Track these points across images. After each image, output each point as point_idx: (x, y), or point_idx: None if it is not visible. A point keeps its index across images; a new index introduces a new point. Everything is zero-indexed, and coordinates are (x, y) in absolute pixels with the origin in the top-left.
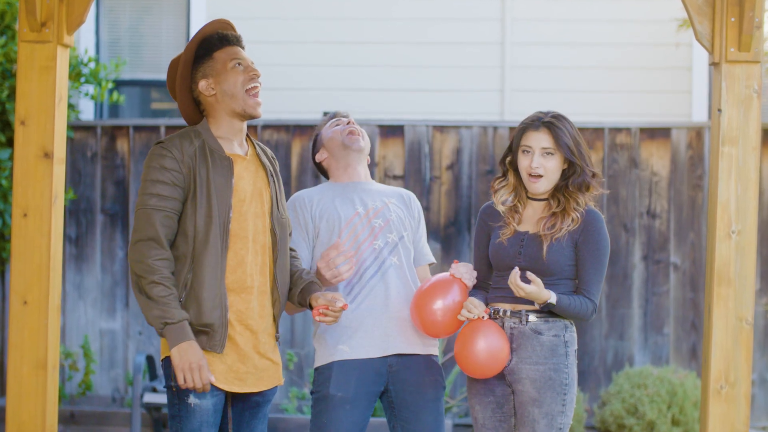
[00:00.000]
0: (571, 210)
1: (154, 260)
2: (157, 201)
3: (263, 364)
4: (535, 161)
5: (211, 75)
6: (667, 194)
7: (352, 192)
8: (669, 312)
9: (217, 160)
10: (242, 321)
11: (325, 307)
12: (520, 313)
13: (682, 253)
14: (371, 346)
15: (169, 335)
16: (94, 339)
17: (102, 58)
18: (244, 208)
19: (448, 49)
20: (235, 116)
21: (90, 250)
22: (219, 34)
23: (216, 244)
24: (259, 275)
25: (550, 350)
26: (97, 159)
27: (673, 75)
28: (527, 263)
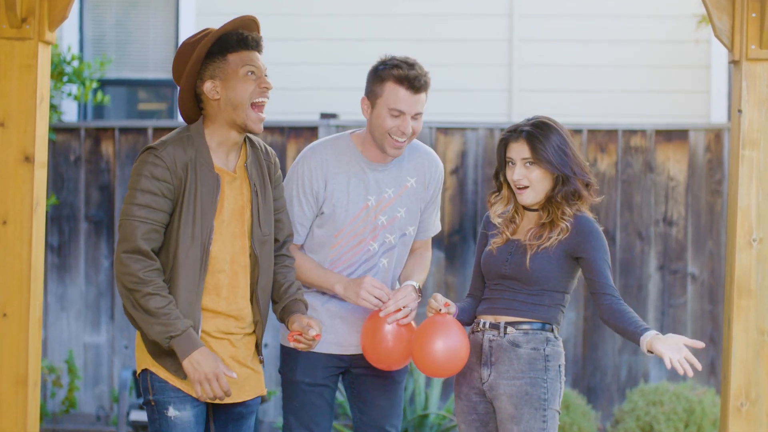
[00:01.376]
0: (559, 220)
1: (144, 272)
2: (145, 213)
3: (244, 372)
4: (517, 173)
5: (219, 77)
6: (684, 200)
7: (372, 171)
8: (686, 325)
9: (206, 175)
10: (220, 329)
11: (299, 333)
12: (499, 326)
13: (700, 263)
14: (334, 344)
15: (177, 348)
16: (78, 354)
17: (86, 56)
18: (223, 228)
19: (452, 46)
20: (234, 127)
21: (73, 259)
22: (238, 35)
23: (195, 267)
24: (239, 299)
25: (527, 364)
26: (80, 163)
27: (691, 74)
28: (512, 271)
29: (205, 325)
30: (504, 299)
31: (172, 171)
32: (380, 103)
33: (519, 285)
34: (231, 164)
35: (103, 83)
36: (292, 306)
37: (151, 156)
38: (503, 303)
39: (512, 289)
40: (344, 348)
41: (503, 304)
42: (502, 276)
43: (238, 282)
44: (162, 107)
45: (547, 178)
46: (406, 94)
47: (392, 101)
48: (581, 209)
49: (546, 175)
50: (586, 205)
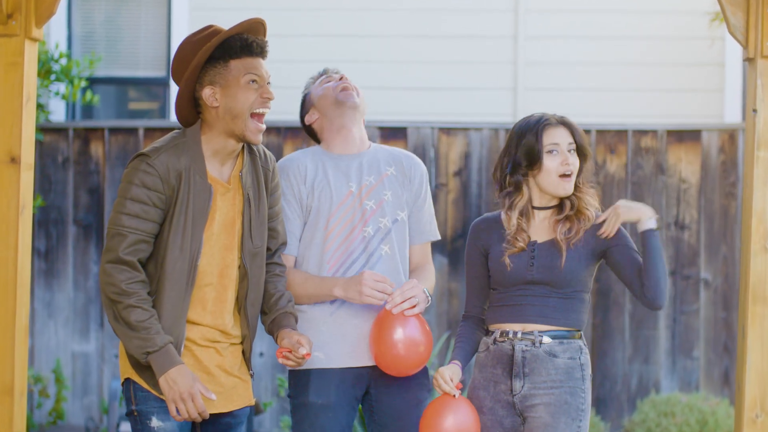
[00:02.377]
0: (584, 208)
1: (127, 284)
2: (134, 222)
3: (231, 381)
4: (569, 159)
5: (219, 84)
6: (696, 203)
7: (346, 163)
8: (699, 333)
9: (199, 185)
10: (206, 337)
11: (288, 350)
12: (533, 335)
13: (713, 269)
14: (349, 355)
15: (153, 364)
16: (66, 363)
17: (74, 54)
18: (213, 241)
19: (455, 43)
20: (232, 137)
21: (61, 264)
22: (242, 39)
23: (181, 280)
24: (225, 314)
25: (565, 373)
26: (68, 164)
27: (704, 72)
28: (541, 275)
29: (190, 333)
30: (533, 306)
31: (165, 180)
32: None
33: (548, 289)
34: (226, 173)
35: (92, 82)
36: (282, 320)
37: (143, 164)
38: (533, 310)
39: (541, 295)
40: (360, 359)
41: (533, 311)
42: (527, 282)
43: (226, 296)
44: (153, 106)
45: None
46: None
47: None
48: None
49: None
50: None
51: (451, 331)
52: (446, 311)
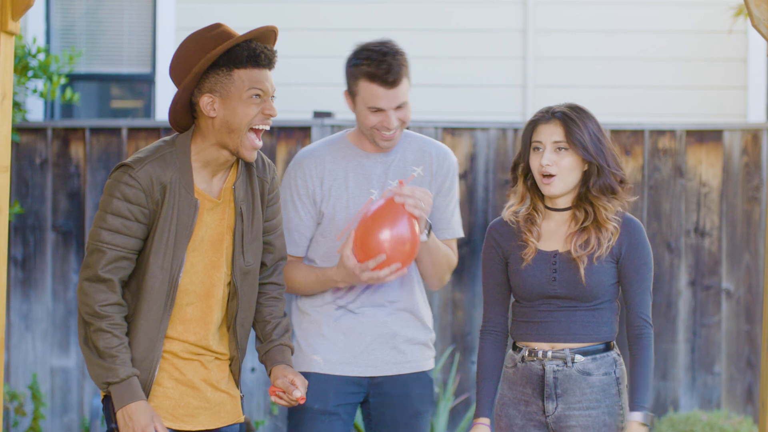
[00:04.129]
0: (605, 220)
1: (102, 305)
2: (115, 238)
3: (219, 397)
4: (546, 157)
5: (219, 93)
6: (718, 208)
7: (372, 163)
8: (720, 347)
9: (184, 199)
10: (189, 350)
11: (282, 391)
12: (564, 354)
13: (735, 278)
14: (348, 363)
15: (114, 396)
16: (44, 378)
17: (53, 49)
18: (196, 258)
19: (460, 37)
20: (226, 149)
21: (39, 273)
22: (250, 49)
23: (160, 300)
24: (209, 335)
25: (601, 391)
26: (47, 166)
27: (726, 68)
28: (564, 290)
29: (170, 346)
30: (560, 322)
31: (148, 193)
32: (359, 102)
33: (574, 303)
34: (216, 187)
35: (73, 78)
36: (277, 354)
37: (125, 176)
38: (560, 327)
39: (566, 309)
40: (361, 369)
41: (560, 328)
42: (551, 296)
43: (212, 317)
44: (138, 105)
45: (577, 168)
46: (381, 91)
47: (369, 100)
48: (621, 210)
49: (577, 165)
50: (620, 204)
51: (455, 344)
52: (450, 323)
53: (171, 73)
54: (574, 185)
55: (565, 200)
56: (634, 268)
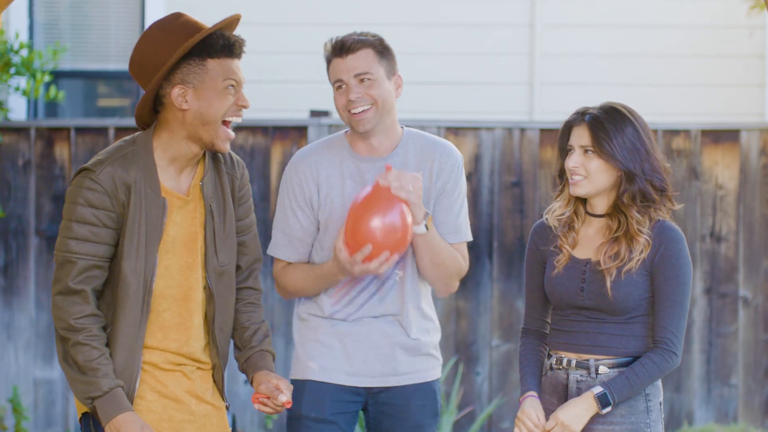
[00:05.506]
0: (636, 232)
1: (76, 318)
2: (83, 247)
3: (203, 409)
4: (572, 160)
5: (192, 85)
6: (735, 212)
7: (370, 169)
8: (737, 357)
9: (151, 199)
10: (170, 361)
11: (265, 397)
12: (588, 364)
13: (753, 285)
14: (345, 372)
15: (99, 411)
16: (27, 391)
17: (37, 44)
18: (170, 260)
19: (462, 32)
20: (197, 143)
21: (22, 280)
22: (224, 38)
23: (136, 307)
24: (192, 341)
25: (627, 407)
26: (30, 168)
27: (743, 64)
28: (591, 302)
29: (151, 357)
30: (587, 333)
31: (112, 196)
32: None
33: (603, 315)
34: (184, 184)
35: (57, 75)
36: (258, 360)
37: (87, 180)
38: (587, 338)
39: (595, 320)
40: (360, 379)
41: (587, 339)
42: (578, 307)
43: (192, 321)
44: (125, 103)
45: (608, 171)
46: (337, 62)
47: (331, 76)
48: (659, 218)
49: (607, 168)
50: (660, 213)
51: (459, 355)
52: (453, 333)
53: (135, 68)
54: (605, 188)
55: (602, 205)
56: (664, 279)
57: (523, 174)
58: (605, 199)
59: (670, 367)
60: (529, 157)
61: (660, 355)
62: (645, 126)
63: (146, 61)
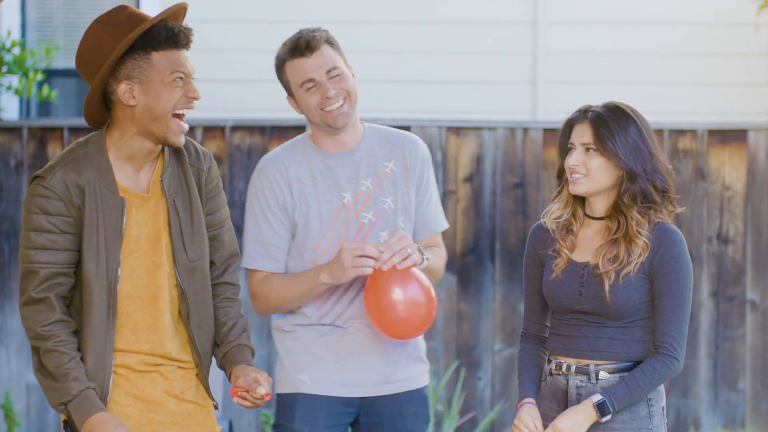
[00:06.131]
0: (635, 234)
1: (42, 326)
2: (44, 256)
3: (184, 408)
4: (573, 158)
5: (137, 80)
6: (742, 213)
7: (338, 163)
8: (744, 362)
9: (108, 200)
10: (145, 362)
11: (244, 390)
12: (588, 369)
13: (761, 288)
14: (338, 383)
15: (73, 415)
16: (19, 396)
17: (29, 43)
18: (134, 260)
19: (463, 30)
20: (150, 138)
21: (14, 283)
22: (168, 29)
23: (101, 311)
24: (165, 340)
25: (628, 413)
26: (22, 168)
27: (750, 63)
28: (590, 306)
29: (124, 360)
30: (586, 337)
31: (66, 200)
32: (294, 90)
33: (602, 319)
34: (143, 181)
35: (50, 74)
36: (236, 354)
37: (39, 187)
38: (586, 343)
39: (594, 324)
40: (354, 389)
41: (587, 344)
42: (577, 312)
43: (163, 321)
44: None
45: (609, 170)
46: (304, 62)
47: (299, 76)
48: (659, 220)
49: (608, 167)
50: (661, 215)
51: (460, 359)
52: (455, 337)
53: (80, 64)
54: (605, 187)
55: (601, 207)
56: (663, 282)
57: (526, 175)
58: (605, 199)
59: (671, 373)
60: (532, 158)
61: (661, 361)
62: (648, 127)
63: (90, 56)
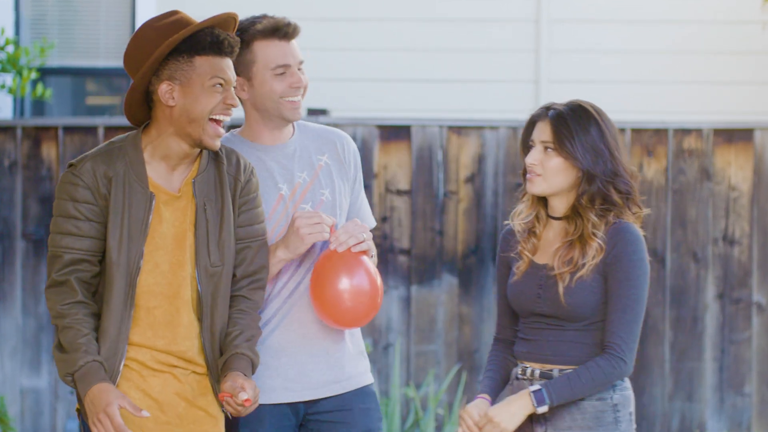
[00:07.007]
0: (589, 236)
1: (62, 305)
2: (69, 241)
3: (192, 414)
4: (531, 156)
5: (179, 81)
6: (748, 214)
7: (273, 156)
8: (751, 365)
9: (137, 193)
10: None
11: (229, 395)
12: (551, 374)
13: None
14: (284, 389)
15: (78, 386)
16: (13, 400)
17: (23, 41)
18: (159, 257)
19: (465, 28)
20: (186, 140)
21: (8, 285)
22: (213, 35)
23: (119, 301)
24: (180, 339)
25: (594, 419)
26: (16, 169)
27: (756, 61)
28: (548, 308)
29: (138, 355)
30: (548, 341)
31: (94, 190)
32: (258, 71)
33: (562, 322)
34: (177, 180)
35: (44, 73)
36: (233, 362)
37: (69, 175)
38: (548, 347)
39: (555, 328)
40: (298, 393)
41: (548, 348)
42: (538, 314)
43: (180, 319)
44: (115, 101)
45: (567, 171)
46: (283, 45)
47: (272, 59)
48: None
49: (566, 168)
50: (625, 217)
51: (461, 363)
52: (456, 340)
53: (127, 62)
54: (563, 188)
55: (561, 207)
56: (615, 281)
57: None
58: (564, 200)
59: (617, 375)
60: None
61: (607, 361)
62: (612, 127)
63: (136, 55)
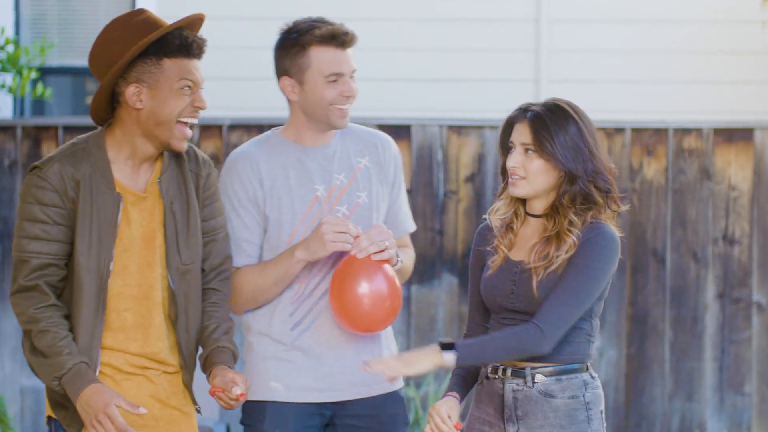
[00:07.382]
0: (565, 232)
1: (35, 308)
2: (36, 246)
3: (168, 414)
4: (512, 159)
5: (147, 84)
6: (749, 214)
7: (311, 157)
8: (751, 365)
9: (104, 195)
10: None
11: (221, 390)
12: (524, 373)
13: (767, 290)
14: (312, 389)
15: (67, 390)
16: (13, 399)
17: (23, 40)
18: (128, 258)
19: (465, 27)
20: (153, 142)
21: (8, 285)
22: (182, 37)
23: (91, 304)
24: (152, 341)
25: (567, 417)
26: (16, 168)
27: (757, 61)
28: (521, 304)
29: (111, 360)
30: None
31: (62, 192)
32: (311, 77)
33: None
34: (142, 181)
35: (44, 72)
36: (216, 356)
37: (35, 178)
38: None
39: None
40: (326, 394)
41: None
42: (510, 310)
43: (152, 320)
44: None
45: (549, 172)
46: (339, 54)
47: (327, 66)
48: (598, 220)
49: (548, 169)
50: (603, 216)
51: None
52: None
53: (92, 62)
54: (546, 188)
55: (540, 205)
56: (571, 266)
57: None
58: (544, 199)
59: (532, 347)
60: None
61: (526, 330)
62: (590, 124)
63: (103, 56)
